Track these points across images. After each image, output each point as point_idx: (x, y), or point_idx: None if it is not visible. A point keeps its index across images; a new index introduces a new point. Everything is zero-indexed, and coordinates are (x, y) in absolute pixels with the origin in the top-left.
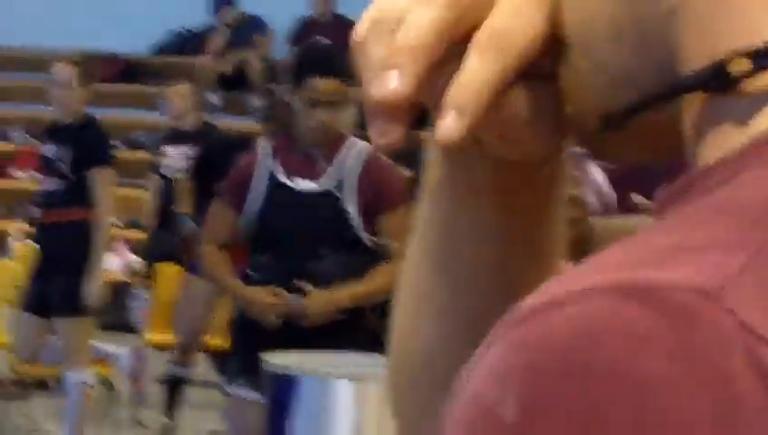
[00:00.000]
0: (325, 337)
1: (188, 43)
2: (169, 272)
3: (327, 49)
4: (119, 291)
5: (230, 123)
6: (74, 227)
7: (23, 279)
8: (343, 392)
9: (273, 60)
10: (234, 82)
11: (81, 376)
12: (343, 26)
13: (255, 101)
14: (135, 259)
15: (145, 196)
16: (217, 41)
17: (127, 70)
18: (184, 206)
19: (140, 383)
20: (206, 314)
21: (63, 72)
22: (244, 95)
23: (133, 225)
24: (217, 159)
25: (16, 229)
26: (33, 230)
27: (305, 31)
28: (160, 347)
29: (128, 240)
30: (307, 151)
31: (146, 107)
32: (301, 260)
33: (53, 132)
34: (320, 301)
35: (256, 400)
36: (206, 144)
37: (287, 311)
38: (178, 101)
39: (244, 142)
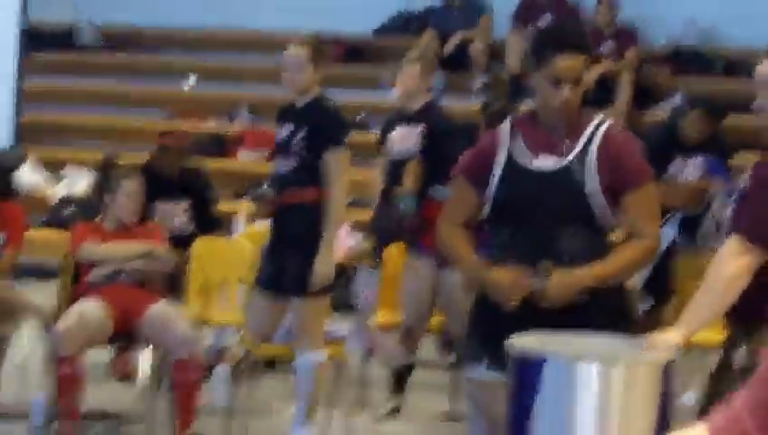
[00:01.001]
0: (566, 318)
1: (411, 24)
2: (396, 252)
3: (568, 26)
4: (344, 271)
5: (453, 104)
6: (309, 208)
7: (253, 259)
8: (589, 375)
9: (494, 41)
10: (456, 63)
11: (314, 356)
12: (564, 4)
13: (478, 82)
14: (360, 239)
15: (370, 176)
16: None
17: (350, 51)
18: (408, 185)
19: (384, 351)
20: (431, 297)
21: (296, 53)
22: (467, 76)
23: (358, 205)
24: (440, 140)
25: (245, 209)
26: (261, 210)
27: (527, 10)
28: (389, 328)
29: (353, 221)
30: (549, 129)
31: (369, 88)
32: (542, 239)
33: (287, 113)
34: (562, 282)
35: (499, 381)
36: (429, 124)
37: (529, 292)
38: (407, 82)
39: (466, 124)
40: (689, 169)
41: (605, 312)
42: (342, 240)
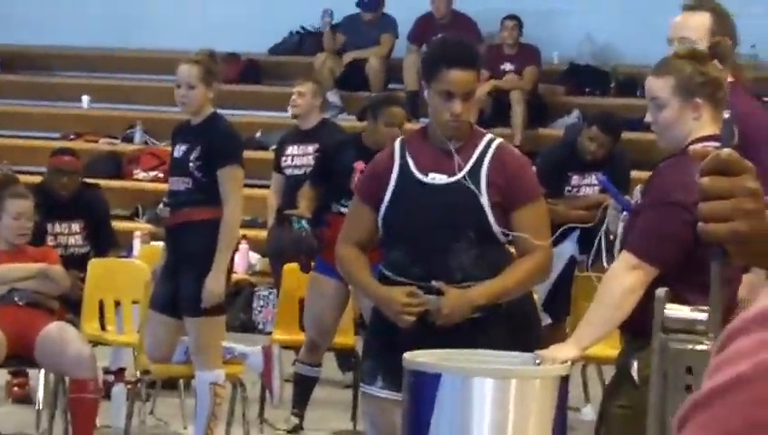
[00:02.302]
0: (461, 335)
1: (306, 42)
2: (294, 270)
3: (461, 41)
4: (240, 290)
5: (351, 124)
6: (204, 227)
7: (150, 279)
8: (484, 390)
9: (392, 60)
10: (354, 82)
11: (212, 375)
12: (462, 23)
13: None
14: (256, 258)
15: (266, 195)
16: (335, 40)
17: (246, 70)
18: (301, 209)
19: (269, 383)
20: (336, 314)
21: (188, 71)
22: (364, 95)
23: (254, 224)
24: (333, 156)
25: (140, 230)
26: (157, 230)
27: (423, 29)
28: (287, 346)
29: (249, 239)
30: (440, 145)
31: (265, 106)
32: (435, 257)
33: (182, 132)
34: (456, 301)
35: (395, 398)
36: (322, 143)
37: (423, 311)
38: (300, 101)
39: (353, 135)
40: (587, 186)
41: (506, 327)
42: (241, 258)
